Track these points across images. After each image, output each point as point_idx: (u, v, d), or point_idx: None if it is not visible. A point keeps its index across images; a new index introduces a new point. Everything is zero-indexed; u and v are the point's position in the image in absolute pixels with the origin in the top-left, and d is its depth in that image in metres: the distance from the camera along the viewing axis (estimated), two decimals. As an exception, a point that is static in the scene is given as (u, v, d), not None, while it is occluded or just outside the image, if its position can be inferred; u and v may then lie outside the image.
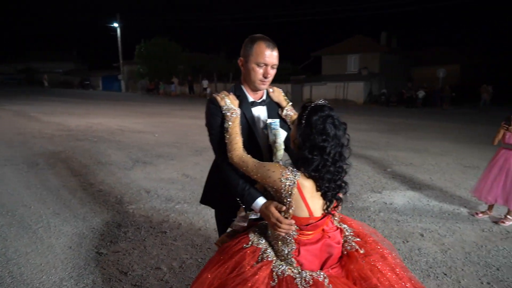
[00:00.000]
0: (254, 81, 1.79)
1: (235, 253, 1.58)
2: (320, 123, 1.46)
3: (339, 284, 1.48)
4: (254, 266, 1.51)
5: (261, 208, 1.60)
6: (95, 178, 5.45)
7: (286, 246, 1.55)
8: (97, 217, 4.00)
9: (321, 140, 1.46)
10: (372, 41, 28.77)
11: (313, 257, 1.57)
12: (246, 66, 1.79)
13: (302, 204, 1.50)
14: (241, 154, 1.65)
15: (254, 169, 1.57)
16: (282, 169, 1.50)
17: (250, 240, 1.63)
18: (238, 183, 1.68)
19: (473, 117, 16.46)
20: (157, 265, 3.05)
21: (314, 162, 1.47)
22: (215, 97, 1.78)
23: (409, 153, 8.01)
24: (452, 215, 4.35)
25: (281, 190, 1.49)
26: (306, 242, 1.56)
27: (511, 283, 2.89)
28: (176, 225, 3.86)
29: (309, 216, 1.52)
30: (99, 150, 7.37)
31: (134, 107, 17.79)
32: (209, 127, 1.81)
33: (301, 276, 1.48)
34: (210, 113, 1.78)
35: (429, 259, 3.26)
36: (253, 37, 1.79)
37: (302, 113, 1.52)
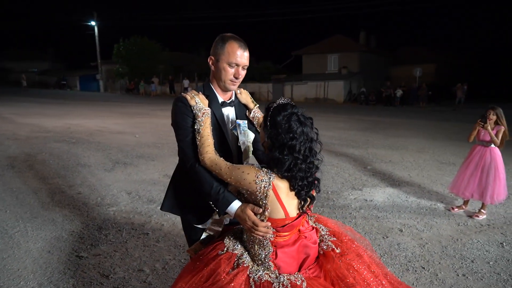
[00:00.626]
0: (224, 81, 1.75)
1: (210, 261, 1.54)
2: (285, 122, 1.46)
3: (317, 286, 1.48)
4: (229, 273, 1.47)
5: (236, 211, 1.56)
6: (74, 180, 5.33)
7: (263, 250, 1.53)
8: (76, 220, 3.92)
9: (289, 138, 1.45)
10: (351, 41, 29.24)
11: (290, 259, 1.54)
12: (217, 66, 1.74)
13: (277, 205, 1.48)
14: (213, 156, 1.60)
15: (228, 171, 1.52)
16: (256, 171, 1.48)
17: (225, 246, 1.60)
18: (212, 187, 1.60)
19: (448, 115, 16.99)
20: (140, 267, 3.01)
21: (286, 162, 1.46)
22: (184, 95, 1.71)
23: (388, 150, 8.20)
24: (429, 211, 4.49)
25: (256, 192, 1.46)
26: (283, 244, 1.54)
27: (484, 274, 3.01)
28: (158, 226, 3.83)
29: (285, 217, 1.50)
30: (78, 151, 7.21)
31: (113, 108, 17.46)
32: (177, 127, 1.71)
33: (279, 281, 1.46)
34: (179, 112, 1.69)
35: (408, 253, 3.36)
36: (225, 36, 1.74)
37: (266, 114, 1.52)
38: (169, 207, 1.88)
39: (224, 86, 1.77)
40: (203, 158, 1.59)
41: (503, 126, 4.16)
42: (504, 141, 4.24)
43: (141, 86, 30.93)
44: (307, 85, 26.71)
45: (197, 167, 1.64)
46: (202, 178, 1.62)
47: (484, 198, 4.22)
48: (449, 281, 2.90)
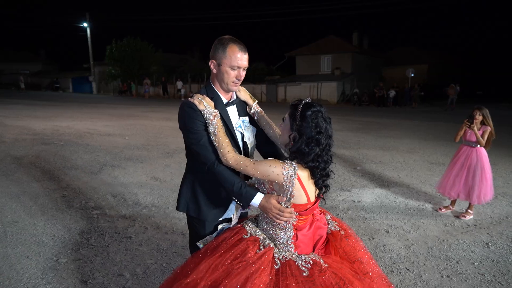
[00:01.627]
0: (227, 83, 1.84)
1: (237, 242, 1.67)
2: (314, 118, 1.63)
3: (332, 262, 1.65)
4: (257, 252, 1.62)
5: (261, 203, 1.69)
6: (59, 183, 5.24)
7: (285, 233, 1.70)
8: (58, 224, 3.84)
9: (316, 133, 1.62)
10: (344, 42, 29.33)
11: (308, 240, 1.73)
12: (219, 69, 1.82)
13: (302, 192, 1.65)
14: (236, 155, 1.71)
15: (254, 167, 1.65)
16: (281, 163, 1.63)
17: (248, 230, 1.74)
18: (234, 183, 1.71)
19: (440, 115, 17.07)
20: (120, 271, 2.95)
21: (311, 153, 1.63)
22: (192, 101, 1.77)
23: (379, 151, 8.20)
24: (417, 211, 4.47)
25: (283, 182, 1.62)
26: (302, 227, 1.72)
27: (469, 275, 2.99)
28: (142, 230, 3.77)
29: (307, 201, 1.68)
30: (65, 154, 7.11)
31: (105, 109, 17.31)
32: (187, 132, 1.78)
33: (301, 259, 1.62)
34: (189, 117, 1.76)
35: (393, 255, 3.33)
36: (225, 39, 1.81)
37: (295, 110, 1.67)
38: (185, 207, 1.94)
39: (227, 87, 1.86)
40: (227, 158, 1.70)
41: (489, 127, 4.17)
42: (490, 141, 4.25)
43: (132, 87, 30.75)
44: (300, 86, 26.71)
45: (216, 167, 1.74)
46: (223, 176, 1.73)
47: (471, 198, 4.21)
48: (433, 282, 2.88)
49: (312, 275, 1.55)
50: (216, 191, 1.88)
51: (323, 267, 1.59)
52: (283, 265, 1.60)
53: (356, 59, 27.98)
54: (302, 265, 1.59)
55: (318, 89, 26.09)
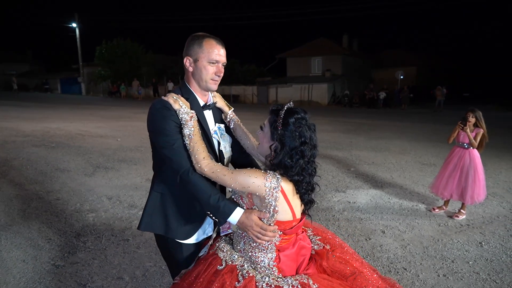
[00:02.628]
0: (206, 81, 1.67)
1: (212, 277, 1.46)
2: (298, 126, 1.46)
3: (321, 280, 1.49)
4: (237, 286, 1.42)
5: (240, 219, 1.48)
6: (52, 186, 5.17)
7: (265, 255, 1.51)
8: (54, 227, 3.79)
9: (300, 143, 1.46)
10: (334, 44, 29.57)
11: (291, 262, 1.54)
12: (196, 66, 1.66)
13: (286, 206, 1.47)
14: (212, 163, 1.51)
15: (232, 177, 1.45)
16: (263, 173, 1.44)
17: (222, 259, 1.53)
18: (210, 196, 1.49)
19: (429, 117, 17.33)
20: (119, 274, 2.93)
21: (296, 167, 1.46)
22: (166, 99, 1.59)
23: (371, 152, 8.29)
24: (411, 211, 4.54)
25: (265, 196, 1.42)
26: (285, 248, 1.53)
27: (464, 274, 3.05)
28: (139, 232, 3.74)
29: (292, 218, 1.50)
30: (57, 156, 7.02)
31: (95, 111, 17.13)
32: (159, 134, 1.56)
33: (288, 283, 1.44)
34: (162, 116, 1.55)
35: (390, 255, 3.38)
36: (199, 35, 1.67)
37: (276, 117, 1.49)
38: (148, 225, 1.68)
39: (206, 86, 1.68)
40: (201, 166, 1.49)
41: (482, 129, 4.25)
42: (484, 143, 4.33)
43: (122, 89, 30.45)
44: (291, 87, 26.82)
45: (190, 175, 1.52)
46: (198, 186, 1.51)
47: (464, 198, 4.30)
48: (430, 281, 2.93)
49: None
50: (189, 205, 1.67)
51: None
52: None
53: (346, 61, 28.24)
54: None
55: (309, 91, 26.23)
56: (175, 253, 1.72)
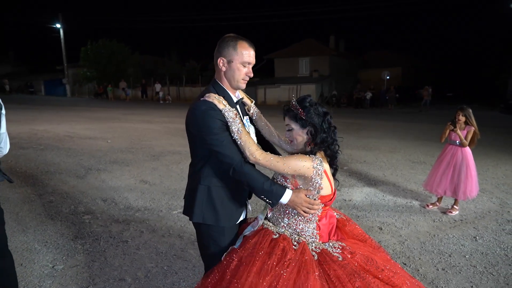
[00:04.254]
0: (238, 81, 1.81)
1: (272, 245, 1.66)
2: (313, 105, 1.74)
3: (352, 244, 1.77)
4: (296, 250, 1.65)
5: (291, 198, 1.70)
6: (45, 188, 5.07)
7: (309, 226, 1.76)
8: (49, 230, 3.72)
9: (323, 114, 1.74)
10: (321, 45, 29.83)
11: (326, 229, 1.82)
12: (229, 66, 1.78)
13: (328, 183, 1.73)
14: (264, 153, 1.70)
15: (285, 163, 1.65)
16: (309, 157, 1.67)
17: (273, 231, 1.75)
18: (263, 182, 1.69)
19: (415, 116, 17.64)
20: (121, 276, 2.90)
21: (331, 134, 1.75)
22: (211, 99, 1.71)
23: (362, 151, 8.39)
24: (406, 208, 4.62)
25: (313, 176, 1.66)
26: (321, 218, 1.79)
27: (462, 267, 3.12)
28: (138, 234, 3.71)
29: (331, 192, 1.77)
30: (47, 158, 6.88)
31: (82, 112, 16.84)
32: (208, 134, 1.69)
33: (331, 246, 1.72)
34: (210, 117, 1.68)
35: (389, 250, 3.43)
36: (232, 36, 1.79)
37: (294, 111, 1.74)
38: (200, 216, 1.82)
39: (237, 85, 1.84)
40: (256, 156, 1.67)
41: (473, 127, 4.36)
42: (475, 140, 4.44)
43: (109, 90, 30.03)
44: (279, 88, 26.93)
45: (244, 167, 1.69)
46: (252, 175, 1.69)
47: (457, 194, 4.39)
48: (430, 275, 2.99)
49: (346, 258, 1.65)
50: (234, 195, 1.85)
51: (352, 250, 1.69)
52: (320, 255, 1.67)
53: (333, 62, 28.52)
54: (334, 252, 1.68)
55: (297, 91, 26.36)
56: (219, 238, 1.85)
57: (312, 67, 28.35)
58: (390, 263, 1.77)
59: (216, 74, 1.85)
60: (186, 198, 1.93)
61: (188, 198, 1.90)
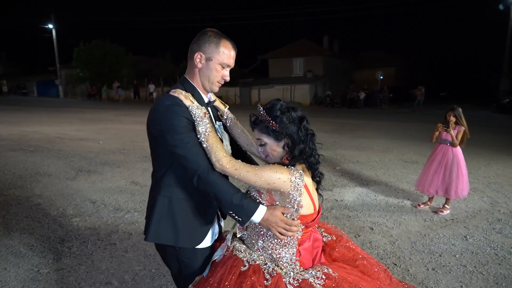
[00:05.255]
0: (212, 83, 1.60)
1: (239, 279, 1.42)
2: (284, 112, 1.49)
3: (338, 268, 1.51)
4: (267, 286, 1.39)
5: (264, 216, 1.43)
6: (32, 191, 4.99)
7: (288, 251, 1.50)
8: (36, 233, 3.65)
9: (299, 121, 1.50)
10: (315, 45, 29.90)
11: (309, 255, 1.55)
12: (207, 64, 1.56)
13: (309, 200, 1.49)
14: (233, 160, 1.45)
15: (256, 173, 1.41)
16: (287, 169, 1.43)
17: (242, 259, 1.49)
18: (232, 194, 1.42)
19: (409, 116, 17.72)
20: (107, 279, 2.85)
21: (309, 143, 1.51)
22: (177, 95, 1.49)
23: (355, 151, 8.39)
24: (397, 208, 4.61)
25: (290, 191, 1.41)
26: (304, 241, 1.54)
27: (452, 267, 3.12)
28: (126, 236, 3.65)
29: (313, 211, 1.52)
30: (36, 160, 6.78)
31: (74, 114, 16.69)
32: (170, 133, 1.44)
33: (313, 275, 1.44)
34: (174, 113, 1.44)
35: (379, 251, 3.41)
36: (216, 32, 1.59)
37: (264, 122, 1.49)
38: (156, 235, 1.56)
39: (210, 87, 1.62)
40: (222, 163, 1.42)
41: (463, 126, 4.37)
42: (465, 139, 4.45)
43: (103, 91, 29.82)
44: (273, 88, 26.92)
45: (210, 174, 1.43)
46: (219, 186, 1.43)
47: (449, 194, 4.40)
48: (420, 275, 2.98)
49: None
50: (200, 209, 1.59)
51: (337, 279, 1.44)
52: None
53: (327, 62, 28.60)
54: (316, 282, 1.42)
55: (291, 92, 26.39)
56: (190, 262, 1.60)
57: (306, 67, 28.39)
58: None
59: (188, 70, 1.63)
60: (146, 214, 1.68)
61: (147, 213, 1.64)
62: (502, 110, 19.19)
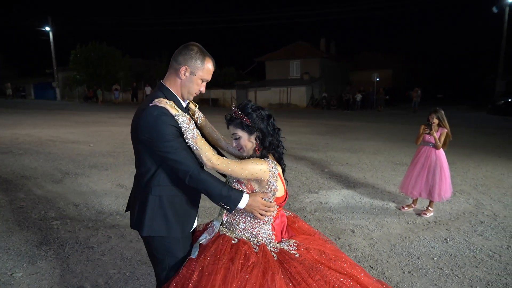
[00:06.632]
0: (191, 93, 1.80)
1: (234, 251, 1.67)
2: (255, 110, 1.75)
3: (303, 239, 1.85)
4: (257, 253, 1.68)
5: (248, 202, 1.71)
6: (16, 194, 4.97)
7: (265, 228, 1.80)
8: (14, 237, 3.64)
9: (267, 117, 1.76)
10: (312, 47, 29.94)
11: (279, 228, 1.87)
12: (190, 78, 1.75)
13: (281, 185, 1.78)
14: (221, 158, 1.69)
15: (242, 167, 1.67)
16: (264, 160, 1.71)
17: (231, 236, 1.77)
18: (221, 188, 1.68)
19: (404, 118, 17.74)
20: (80, 283, 2.83)
21: (277, 136, 1.79)
22: (162, 105, 1.64)
23: (346, 153, 8.39)
24: (381, 210, 4.60)
25: (269, 178, 1.70)
26: (275, 218, 1.84)
27: (428, 270, 3.10)
28: (105, 239, 3.64)
29: (284, 193, 1.81)
30: (24, 163, 6.77)
31: (69, 116, 16.67)
32: (161, 141, 1.62)
33: (287, 245, 1.77)
34: (162, 123, 1.61)
35: (358, 253, 3.40)
36: (199, 48, 1.76)
37: (238, 119, 1.74)
38: (151, 228, 1.73)
39: (188, 97, 1.82)
40: (213, 162, 1.65)
41: (445, 129, 4.37)
42: (447, 141, 4.45)
43: (98, 93, 29.81)
44: (270, 90, 26.97)
45: (201, 174, 1.66)
46: (209, 182, 1.67)
47: (432, 196, 4.39)
48: (395, 278, 2.96)
49: (302, 255, 1.72)
50: (187, 203, 1.81)
51: (306, 246, 1.77)
52: (279, 254, 1.72)
53: (324, 64, 28.63)
54: (290, 250, 1.74)
55: (287, 94, 26.42)
56: (175, 249, 1.80)
57: (303, 69, 28.43)
58: (339, 253, 1.88)
59: (168, 78, 1.78)
60: (133, 212, 1.83)
61: (137, 211, 1.79)
62: (498, 111, 19.24)
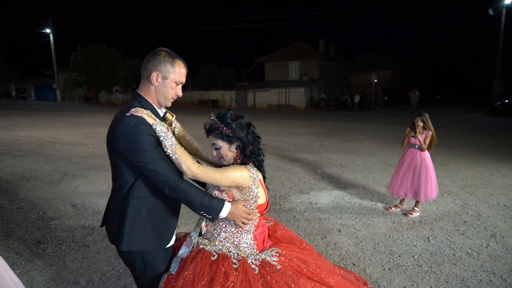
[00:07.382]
0: (167, 99, 1.76)
1: (213, 270, 1.62)
2: (235, 119, 1.74)
3: (284, 247, 1.84)
4: (237, 269, 1.63)
5: (230, 210, 1.68)
6: (16, 195, 5.13)
7: (247, 237, 1.76)
8: (13, 236, 3.79)
9: (247, 126, 1.76)
10: (311, 49, 30.08)
11: (261, 238, 1.83)
12: (163, 83, 1.71)
13: (263, 192, 1.76)
14: (201, 166, 1.65)
15: (222, 174, 1.64)
16: (245, 167, 1.69)
17: (210, 251, 1.72)
18: (202, 197, 1.64)
19: (402, 119, 17.86)
20: (75, 279, 2.98)
21: (257, 145, 1.78)
22: (140, 114, 1.62)
23: (340, 154, 8.53)
24: (369, 210, 4.75)
25: (250, 185, 1.67)
26: (257, 227, 1.81)
27: (408, 267, 3.25)
28: (101, 238, 3.79)
29: (265, 200, 1.79)
30: (24, 164, 6.93)
31: (69, 118, 16.85)
32: (140, 151, 1.58)
33: (269, 255, 1.73)
34: (141, 133, 1.58)
35: (342, 252, 3.55)
36: (168, 52, 1.73)
37: (217, 129, 1.72)
38: (130, 243, 1.67)
39: (165, 103, 1.77)
40: (193, 170, 1.62)
41: (430, 131, 4.51)
42: (433, 143, 4.59)
43: (101, 95, 29.99)
44: (269, 92, 27.12)
45: (181, 183, 1.62)
46: (190, 192, 1.63)
47: (418, 196, 4.54)
48: (375, 275, 3.11)
49: (283, 265, 1.69)
50: (167, 215, 1.76)
51: (288, 255, 1.74)
52: (260, 267, 1.67)
53: (323, 65, 28.77)
54: (272, 260, 1.70)
55: (286, 95, 26.57)
56: (155, 261, 1.75)
57: (302, 70, 28.58)
58: (321, 259, 1.90)
59: (142, 87, 1.75)
60: (111, 226, 1.76)
61: (115, 225, 1.71)
62: (495, 112, 19.37)
